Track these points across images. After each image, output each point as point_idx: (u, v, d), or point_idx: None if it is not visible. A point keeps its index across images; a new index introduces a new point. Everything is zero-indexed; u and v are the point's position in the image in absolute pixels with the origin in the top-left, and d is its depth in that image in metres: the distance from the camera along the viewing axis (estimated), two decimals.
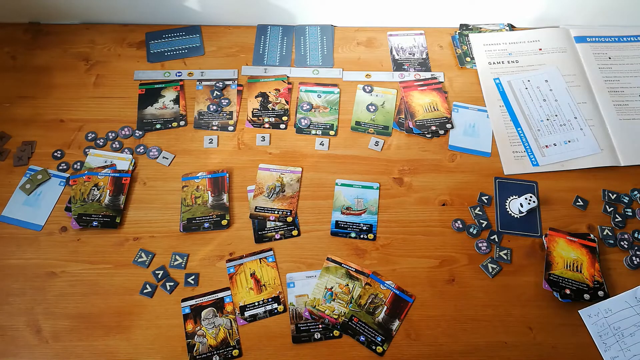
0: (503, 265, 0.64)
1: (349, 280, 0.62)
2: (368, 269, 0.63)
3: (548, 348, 0.59)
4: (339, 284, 0.62)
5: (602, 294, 0.61)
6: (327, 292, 0.61)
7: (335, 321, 0.59)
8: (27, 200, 0.67)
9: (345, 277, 0.62)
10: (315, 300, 0.61)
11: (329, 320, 0.59)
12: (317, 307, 0.60)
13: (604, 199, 0.69)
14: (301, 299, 0.61)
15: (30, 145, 0.72)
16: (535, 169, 0.71)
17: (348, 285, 0.62)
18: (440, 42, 0.83)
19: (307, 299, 0.61)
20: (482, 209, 0.67)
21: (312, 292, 0.61)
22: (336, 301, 0.61)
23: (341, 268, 0.63)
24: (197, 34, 0.84)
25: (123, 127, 0.74)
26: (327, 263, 0.63)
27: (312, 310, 0.60)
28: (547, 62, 0.80)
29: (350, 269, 0.63)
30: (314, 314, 0.60)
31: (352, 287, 0.62)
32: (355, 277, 0.62)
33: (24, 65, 0.79)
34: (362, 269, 0.63)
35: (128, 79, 0.79)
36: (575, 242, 0.64)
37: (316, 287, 0.62)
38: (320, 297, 0.61)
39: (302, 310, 0.60)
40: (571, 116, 0.75)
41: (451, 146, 0.73)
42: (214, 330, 0.59)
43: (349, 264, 0.63)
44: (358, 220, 0.66)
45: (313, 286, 0.62)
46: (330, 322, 0.59)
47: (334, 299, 0.61)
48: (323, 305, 0.61)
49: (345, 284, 0.62)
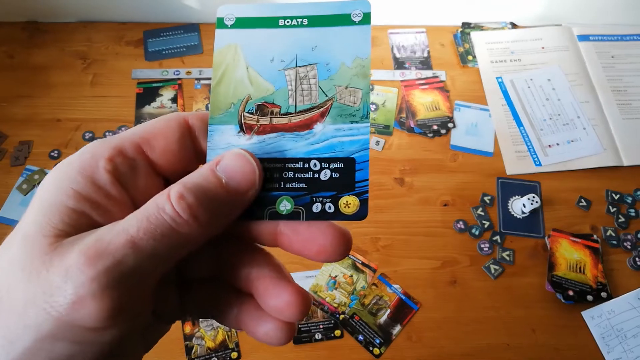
0: (505, 266, 0.63)
1: (354, 271, 0.62)
2: (374, 263, 0.63)
3: (550, 350, 0.58)
4: (343, 274, 0.62)
5: (605, 295, 0.60)
6: (330, 279, 0.61)
7: (334, 309, 0.59)
8: (24, 201, 0.67)
9: (350, 268, 0.62)
10: (317, 286, 0.60)
11: (329, 307, 0.59)
12: (318, 293, 0.60)
13: (607, 199, 0.68)
14: None
15: (27, 145, 0.71)
16: (538, 169, 0.70)
17: (352, 276, 0.62)
18: (442, 41, 0.83)
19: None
20: (485, 209, 0.67)
21: (316, 278, 0.61)
22: (338, 290, 0.60)
23: (348, 259, 0.63)
24: (196, 32, 0.83)
25: (120, 127, 0.73)
26: None
27: (313, 296, 0.59)
28: (549, 60, 0.79)
29: (357, 260, 0.63)
30: (314, 299, 0.60)
31: (356, 278, 0.61)
32: (361, 269, 0.62)
33: (21, 64, 0.79)
34: (369, 263, 0.63)
35: (126, 77, 0.78)
36: (578, 243, 0.64)
37: (320, 273, 0.62)
38: (324, 283, 0.61)
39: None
40: (574, 115, 0.74)
41: (453, 146, 0.72)
42: (213, 332, 0.59)
43: (356, 255, 0.63)
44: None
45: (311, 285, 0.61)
46: (329, 309, 0.59)
47: (337, 287, 0.61)
48: (325, 292, 0.60)
49: (350, 274, 0.62)
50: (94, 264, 0.16)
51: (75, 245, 0.17)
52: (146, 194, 0.19)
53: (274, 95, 0.22)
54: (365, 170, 0.21)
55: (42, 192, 0.18)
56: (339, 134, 0.21)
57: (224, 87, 0.22)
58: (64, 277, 0.16)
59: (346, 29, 0.22)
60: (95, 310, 0.16)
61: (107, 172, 0.19)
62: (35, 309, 0.16)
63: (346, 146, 0.21)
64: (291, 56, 0.22)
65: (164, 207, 0.17)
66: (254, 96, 0.22)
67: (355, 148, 0.21)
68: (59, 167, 0.19)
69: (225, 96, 0.22)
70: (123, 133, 0.20)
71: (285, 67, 0.22)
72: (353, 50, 0.22)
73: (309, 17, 0.22)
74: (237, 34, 0.22)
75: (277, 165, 0.21)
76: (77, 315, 0.16)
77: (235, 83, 0.22)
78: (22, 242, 0.17)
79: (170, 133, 0.21)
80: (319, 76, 0.22)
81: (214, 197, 0.18)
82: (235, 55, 0.22)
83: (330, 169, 0.21)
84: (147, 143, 0.20)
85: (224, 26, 0.22)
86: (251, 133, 0.21)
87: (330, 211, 0.21)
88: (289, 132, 0.21)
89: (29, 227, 0.18)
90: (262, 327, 0.21)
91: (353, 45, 0.22)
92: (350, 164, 0.21)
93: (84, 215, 0.18)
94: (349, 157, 0.21)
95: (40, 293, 0.16)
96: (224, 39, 0.22)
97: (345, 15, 0.22)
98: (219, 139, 0.21)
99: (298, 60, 0.22)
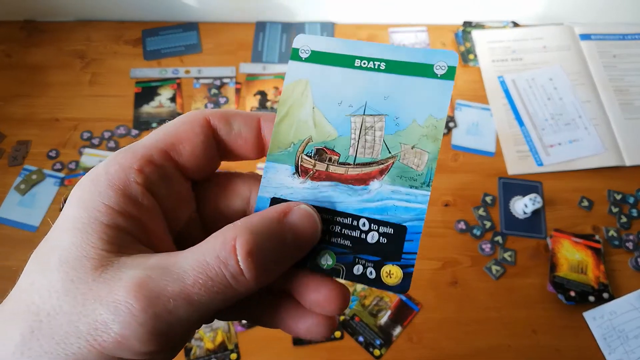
0: (507, 267, 0.63)
1: None
2: None
3: (552, 351, 0.58)
4: None
5: (607, 296, 0.60)
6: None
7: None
8: (22, 201, 0.66)
9: None
10: None
11: None
12: None
13: (609, 199, 0.68)
14: None
15: (25, 145, 0.71)
16: (539, 169, 0.69)
17: None
18: (443, 39, 0.82)
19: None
20: (486, 209, 0.66)
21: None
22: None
23: None
24: (195, 31, 0.82)
25: (119, 126, 0.73)
26: None
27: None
28: (551, 60, 0.79)
29: None
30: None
31: None
32: None
33: (19, 63, 0.78)
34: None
35: (124, 77, 0.77)
36: (580, 244, 0.63)
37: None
38: None
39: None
40: (576, 115, 0.74)
41: (454, 145, 0.72)
42: (212, 333, 0.58)
43: None
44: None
45: None
46: None
47: None
48: None
49: None
50: (145, 309, 0.16)
51: (124, 275, 0.16)
52: (176, 199, 0.20)
53: (335, 141, 0.21)
54: (416, 242, 0.20)
55: (72, 210, 0.18)
56: (395, 196, 0.20)
57: (286, 124, 0.21)
58: (112, 314, 0.16)
59: (425, 81, 0.20)
60: (139, 350, 0.16)
61: (138, 184, 0.18)
62: (79, 340, 0.16)
63: (400, 212, 0.20)
64: (361, 102, 0.21)
65: (227, 261, 0.17)
66: (315, 139, 0.21)
67: (409, 216, 0.20)
68: (85, 182, 0.18)
69: (286, 135, 0.21)
70: (146, 140, 0.20)
71: (353, 113, 0.21)
72: (428, 107, 0.20)
73: (388, 62, 0.20)
74: (310, 69, 0.21)
75: (326, 216, 0.20)
76: (120, 352, 0.16)
77: (298, 122, 0.21)
78: (62, 266, 0.17)
79: (195, 137, 0.20)
80: (385, 130, 0.20)
81: (277, 254, 0.18)
82: (304, 92, 0.21)
83: (379, 232, 0.20)
84: (173, 149, 0.20)
85: (299, 59, 0.21)
86: (306, 177, 0.21)
87: (372, 277, 0.20)
88: (344, 184, 0.20)
89: (68, 250, 0.17)
90: (303, 323, 0.21)
91: (429, 101, 0.20)
92: (401, 232, 0.20)
93: (121, 230, 0.18)
94: (401, 225, 0.20)
95: (85, 324, 0.16)
96: (296, 72, 0.21)
97: (428, 66, 0.20)
98: (273, 177, 0.21)
99: (367, 108, 0.20)
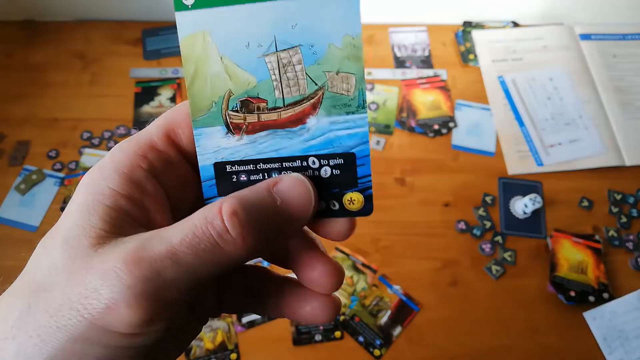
0: (507, 267, 0.62)
1: (354, 272, 0.62)
2: (375, 264, 0.62)
3: (552, 351, 0.58)
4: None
5: (607, 296, 0.60)
6: None
7: None
8: (22, 201, 0.66)
9: (351, 268, 0.62)
10: None
11: None
12: None
13: (610, 199, 0.68)
14: None
15: (25, 145, 0.71)
16: (539, 169, 0.69)
17: (353, 277, 0.61)
18: (443, 39, 0.82)
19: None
20: (486, 209, 0.66)
21: None
22: (339, 291, 0.60)
23: (348, 259, 0.62)
24: None
25: (119, 126, 0.72)
26: (336, 253, 0.63)
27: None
28: (551, 59, 0.79)
29: (357, 261, 0.62)
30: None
31: (356, 279, 0.61)
32: (361, 270, 0.62)
33: (19, 63, 0.78)
34: (370, 263, 0.62)
35: (124, 77, 0.77)
36: (580, 244, 0.63)
37: None
38: None
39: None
40: (576, 115, 0.73)
41: (454, 145, 0.72)
42: (212, 333, 0.58)
43: (356, 256, 0.63)
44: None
45: None
46: None
47: None
48: None
49: (350, 275, 0.61)
50: (132, 270, 0.16)
51: (117, 248, 0.17)
52: (180, 182, 0.20)
53: (257, 88, 0.19)
54: (367, 165, 0.20)
55: (78, 197, 0.18)
56: (334, 127, 0.20)
57: (199, 84, 0.19)
58: (101, 279, 0.16)
59: (330, 0, 0.18)
60: (128, 318, 0.16)
61: (142, 169, 0.19)
62: (70, 311, 0.16)
63: (344, 140, 0.20)
64: (269, 38, 0.19)
65: (212, 221, 0.17)
66: (235, 91, 0.19)
67: (354, 142, 0.20)
68: (92, 170, 0.19)
69: (203, 95, 0.19)
70: (149, 127, 0.20)
71: (265, 52, 0.19)
72: (341, 27, 0.18)
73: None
74: (200, 15, 0.19)
75: (274, 165, 0.20)
76: (110, 321, 0.16)
77: (211, 78, 0.19)
78: (63, 245, 0.17)
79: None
80: (304, 61, 0.19)
81: (266, 219, 0.18)
82: (204, 44, 0.19)
83: (330, 165, 0.20)
84: (174, 132, 0.20)
85: (184, 7, 0.19)
86: (240, 133, 0.20)
87: (335, 209, 0.20)
88: (281, 129, 0.20)
89: (70, 230, 0.17)
90: (305, 307, 0.21)
91: (340, 20, 0.18)
92: (350, 159, 0.20)
93: (123, 212, 0.18)
94: (348, 153, 0.20)
95: (76, 294, 0.16)
96: (187, 24, 0.19)
97: None
98: (208, 142, 0.20)
99: (278, 43, 0.19)
